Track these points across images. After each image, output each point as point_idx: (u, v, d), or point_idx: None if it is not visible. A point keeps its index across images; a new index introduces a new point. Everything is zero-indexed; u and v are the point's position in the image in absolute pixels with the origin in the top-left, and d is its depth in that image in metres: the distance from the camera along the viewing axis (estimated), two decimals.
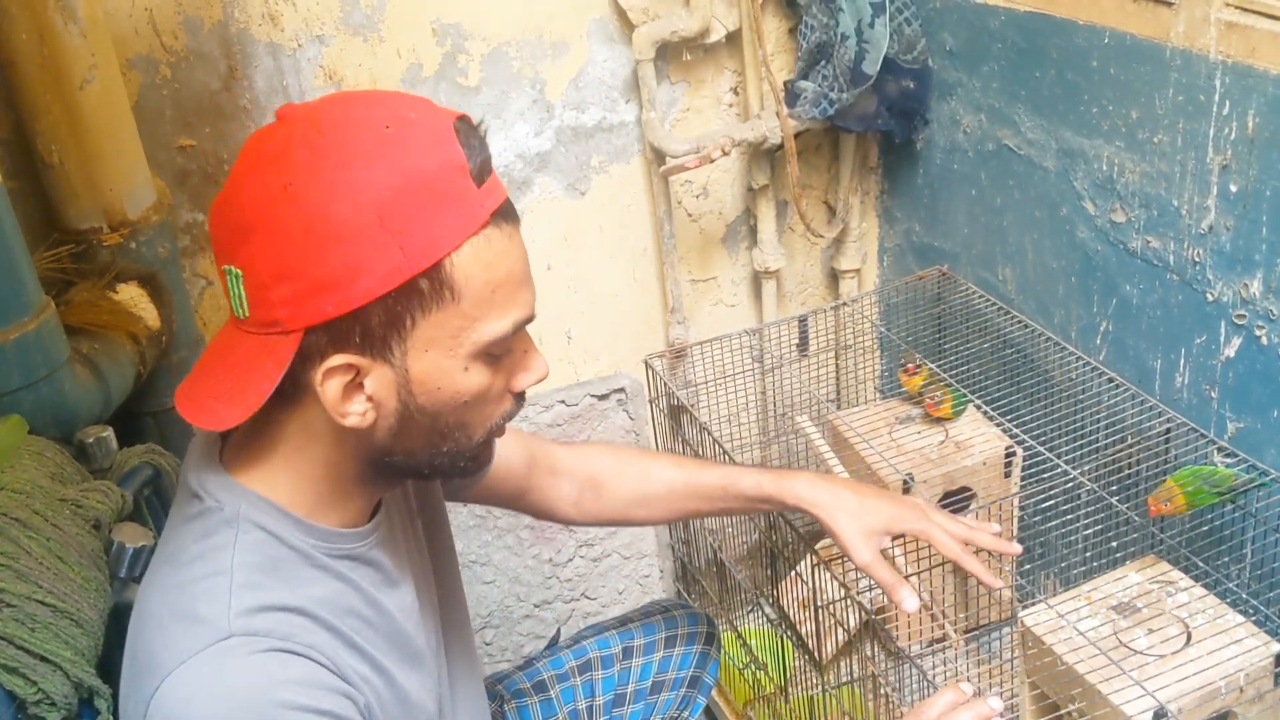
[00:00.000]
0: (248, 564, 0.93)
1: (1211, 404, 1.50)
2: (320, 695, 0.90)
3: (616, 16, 1.91)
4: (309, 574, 0.96)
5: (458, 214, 0.88)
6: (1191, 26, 1.39)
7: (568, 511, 1.39)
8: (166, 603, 0.92)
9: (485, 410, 0.97)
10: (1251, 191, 1.36)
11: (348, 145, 0.86)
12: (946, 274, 1.99)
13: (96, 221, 1.49)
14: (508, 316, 0.92)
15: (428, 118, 0.90)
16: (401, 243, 0.86)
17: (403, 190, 0.86)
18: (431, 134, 0.88)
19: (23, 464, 1.16)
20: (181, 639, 0.89)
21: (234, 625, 0.89)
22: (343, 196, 0.85)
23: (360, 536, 1.01)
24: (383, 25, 1.78)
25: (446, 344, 0.91)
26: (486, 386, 0.95)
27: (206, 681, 0.87)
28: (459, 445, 0.97)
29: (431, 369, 0.91)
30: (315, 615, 0.94)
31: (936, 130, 1.95)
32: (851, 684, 1.83)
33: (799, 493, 1.28)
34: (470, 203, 0.88)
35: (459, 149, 0.88)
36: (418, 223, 0.86)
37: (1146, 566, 1.47)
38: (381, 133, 0.87)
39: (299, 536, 0.96)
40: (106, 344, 1.41)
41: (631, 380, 2.15)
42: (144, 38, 1.65)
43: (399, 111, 0.89)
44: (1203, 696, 1.27)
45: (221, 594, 0.90)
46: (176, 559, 0.95)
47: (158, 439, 1.54)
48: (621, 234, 2.07)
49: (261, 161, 0.88)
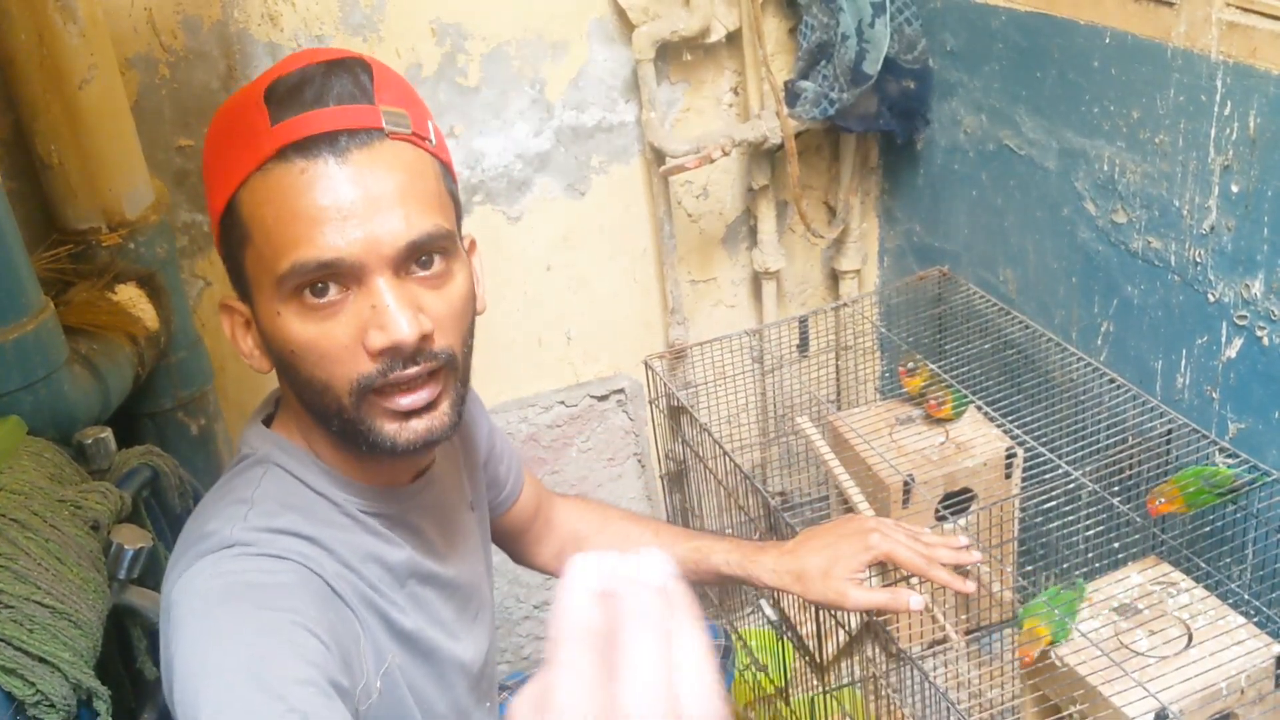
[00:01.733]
0: (270, 496, 0.95)
1: (1213, 405, 1.50)
2: (303, 598, 0.88)
3: (616, 16, 1.91)
4: (334, 518, 0.97)
5: (242, 150, 0.88)
6: (1193, 27, 1.38)
7: (547, 562, 1.42)
8: (190, 528, 0.95)
9: (334, 367, 0.89)
10: (1253, 192, 1.36)
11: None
12: (947, 275, 1.99)
13: (95, 222, 1.48)
14: (289, 254, 0.87)
15: (280, 65, 0.91)
16: (210, 182, 0.93)
17: (216, 132, 0.93)
18: (261, 81, 0.90)
19: (21, 465, 1.16)
20: (191, 550, 0.91)
21: (237, 536, 0.90)
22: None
23: (399, 497, 1.02)
24: (382, 25, 1.77)
25: (262, 286, 0.91)
26: (314, 337, 0.89)
27: (196, 582, 0.88)
28: (336, 408, 0.91)
29: (262, 314, 0.92)
30: (329, 548, 0.94)
31: (937, 130, 1.94)
32: (852, 685, 1.83)
33: (765, 580, 1.28)
34: (257, 138, 0.87)
35: (263, 89, 0.88)
36: (218, 162, 0.91)
37: (1148, 567, 1.46)
38: (237, 91, 0.94)
39: (329, 486, 0.98)
40: (105, 345, 1.40)
41: (631, 381, 2.14)
42: (143, 37, 1.64)
43: (275, 66, 0.92)
44: (1204, 698, 1.27)
45: (238, 517, 0.92)
46: (210, 495, 0.98)
47: (156, 440, 1.53)
48: (621, 234, 2.07)
49: None
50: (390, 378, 0.89)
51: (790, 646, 1.78)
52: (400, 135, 0.90)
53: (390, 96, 0.91)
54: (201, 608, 0.86)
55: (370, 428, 0.92)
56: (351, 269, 0.87)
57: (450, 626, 1.07)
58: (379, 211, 0.87)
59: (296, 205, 0.86)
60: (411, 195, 0.89)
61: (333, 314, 0.89)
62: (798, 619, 1.80)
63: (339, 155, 0.87)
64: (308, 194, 0.86)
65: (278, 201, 0.87)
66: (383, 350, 0.88)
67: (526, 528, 1.39)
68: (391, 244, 0.88)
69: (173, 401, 1.58)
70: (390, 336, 0.87)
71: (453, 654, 1.06)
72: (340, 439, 0.96)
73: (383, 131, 0.89)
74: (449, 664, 1.06)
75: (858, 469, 1.79)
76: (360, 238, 0.86)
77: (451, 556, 1.08)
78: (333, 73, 0.88)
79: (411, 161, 0.91)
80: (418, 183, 0.90)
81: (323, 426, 0.96)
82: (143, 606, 1.20)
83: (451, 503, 1.12)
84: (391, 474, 1.02)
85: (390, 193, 0.88)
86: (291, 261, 0.86)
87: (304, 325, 0.89)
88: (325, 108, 0.87)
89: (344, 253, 0.86)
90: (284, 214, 0.87)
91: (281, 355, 0.92)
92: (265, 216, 0.88)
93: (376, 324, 0.88)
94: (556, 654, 0.47)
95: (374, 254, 0.87)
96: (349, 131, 0.87)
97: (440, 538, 1.07)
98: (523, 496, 1.35)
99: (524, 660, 2.19)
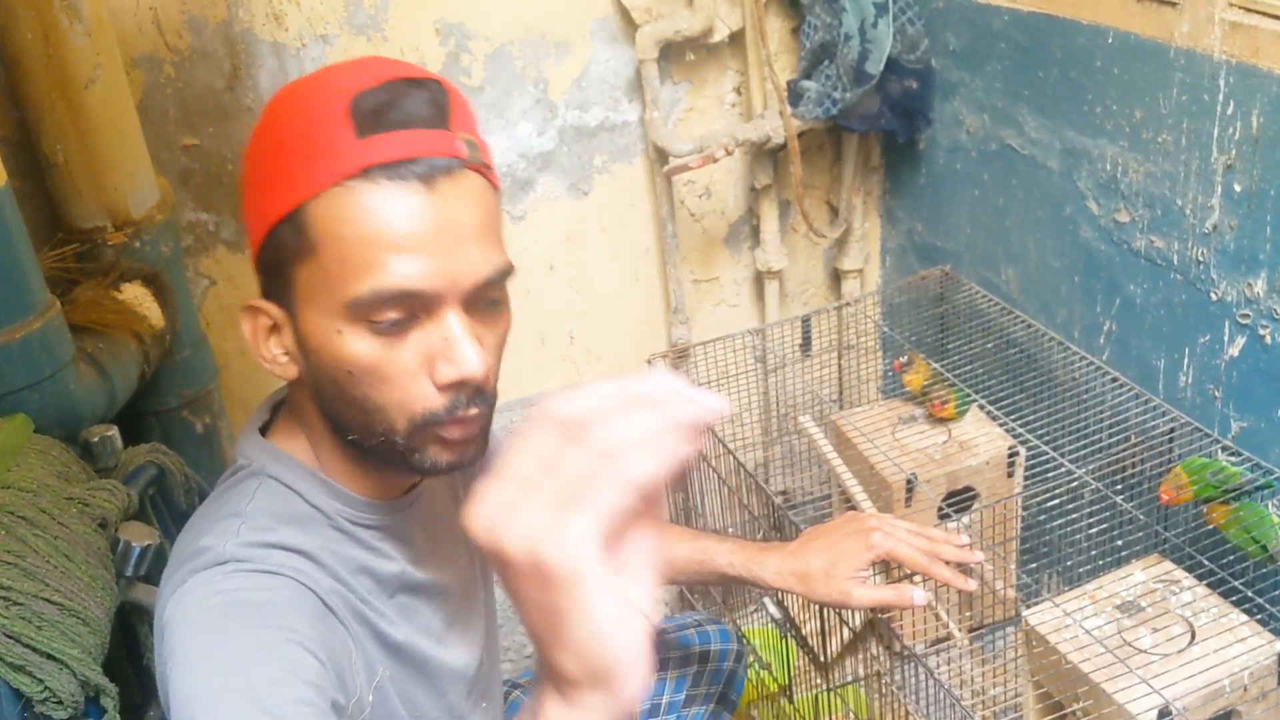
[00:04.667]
0: (264, 509, 0.95)
1: (1215, 403, 1.50)
2: (296, 615, 0.89)
3: (619, 16, 1.91)
4: (326, 531, 0.97)
5: (321, 162, 0.85)
6: (1195, 27, 1.39)
7: None
8: (183, 541, 0.95)
9: (393, 392, 0.89)
10: (1256, 191, 1.36)
11: (272, 98, 0.92)
12: (949, 274, 1.99)
13: (101, 221, 1.49)
14: (367, 279, 0.85)
15: (359, 72, 0.88)
16: (265, 184, 0.89)
17: (276, 138, 0.89)
18: (339, 86, 0.87)
19: (28, 463, 1.16)
20: (185, 566, 0.91)
21: (231, 551, 0.90)
22: (247, 146, 0.92)
23: (390, 510, 1.01)
24: (386, 25, 1.78)
25: (318, 299, 0.89)
26: (376, 360, 0.88)
27: (189, 600, 0.88)
28: (385, 430, 0.91)
29: (313, 326, 0.90)
30: (320, 560, 0.94)
31: (939, 130, 1.95)
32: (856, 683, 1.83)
33: (769, 581, 1.28)
34: (340, 152, 0.85)
35: (349, 99, 0.85)
36: (281, 170, 0.88)
37: (1151, 565, 1.47)
38: (302, 85, 0.91)
39: (323, 498, 0.97)
40: (111, 343, 1.40)
41: None
42: (148, 37, 1.65)
43: (348, 69, 0.90)
44: (1207, 695, 1.28)
45: (231, 532, 0.92)
46: (203, 508, 0.98)
47: (161, 439, 1.54)
48: (624, 234, 2.07)
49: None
50: (457, 415, 0.90)
51: (794, 645, 1.78)
52: (475, 166, 0.89)
53: (463, 123, 0.90)
54: (198, 628, 0.86)
55: (420, 453, 0.92)
56: (426, 300, 0.87)
57: (440, 634, 1.07)
58: (460, 245, 0.87)
59: (379, 228, 0.85)
60: (486, 229, 0.89)
61: (400, 341, 0.88)
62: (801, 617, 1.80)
63: (425, 181, 0.85)
64: (392, 218, 0.85)
65: (360, 221, 0.85)
66: (452, 384, 0.89)
67: None
68: (470, 279, 0.88)
69: (178, 400, 1.58)
70: (460, 371, 0.88)
71: (444, 661, 1.06)
72: (364, 454, 0.95)
73: (463, 162, 0.88)
74: (440, 672, 1.06)
75: (860, 468, 1.79)
76: (443, 271, 0.86)
77: (442, 565, 1.08)
78: (416, 92, 0.87)
79: (484, 194, 0.90)
80: (490, 217, 0.90)
81: (344, 439, 0.95)
82: (150, 604, 1.20)
83: (443, 511, 1.11)
84: (387, 488, 1.02)
85: (470, 226, 0.87)
86: (371, 287, 0.85)
87: (368, 347, 0.88)
88: (411, 130, 0.85)
89: (425, 285, 0.86)
90: (366, 235, 0.85)
91: (332, 372, 0.90)
92: (342, 234, 0.86)
93: (447, 356, 0.88)
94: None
95: (453, 288, 0.87)
96: (434, 158, 0.86)
97: (430, 547, 1.07)
98: None
99: (527, 659, 2.19)
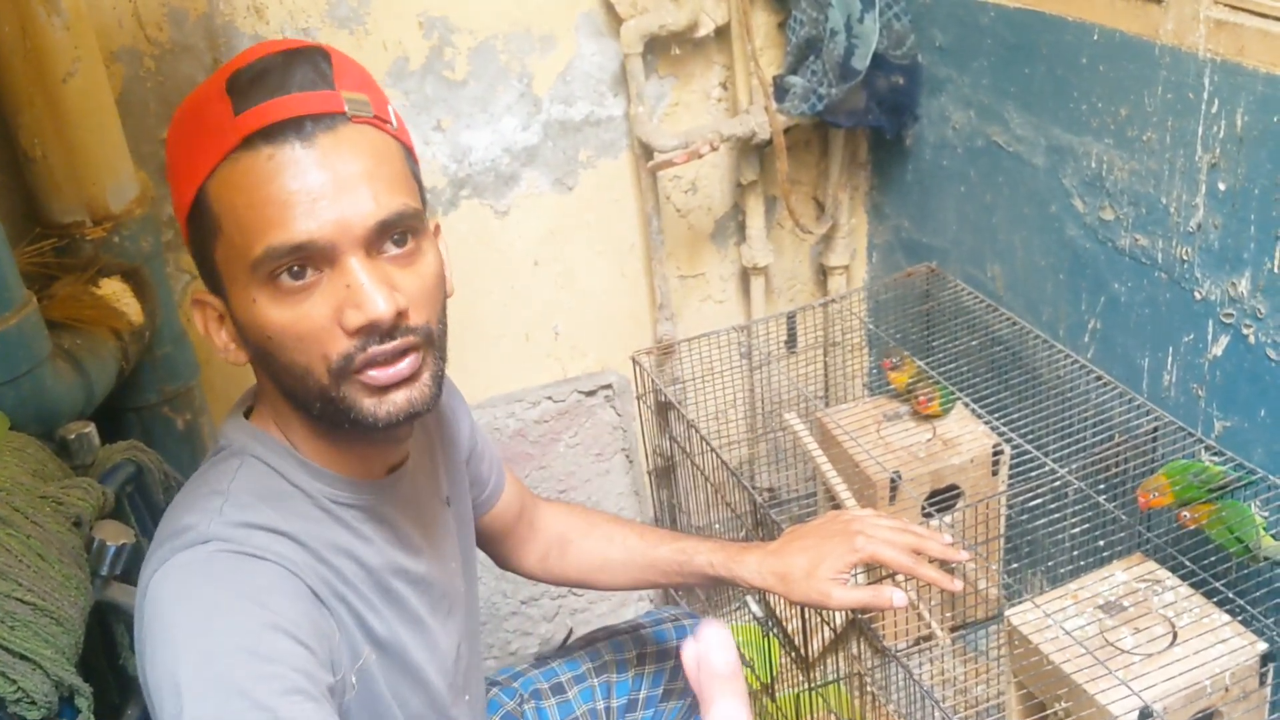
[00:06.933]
0: (245, 489, 0.95)
1: (1199, 402, 1.50)
2: (283, 601, 0.90)
3: (604, 10, 1.90)
4: (308, 511, 0.98)
5: (207, 142, 0.89)
6: (1180, 24, 1.38)
7: (532, 567, 1.42)
8: (166, 520, 0.96)
9: (311, 347, 0.90)
10: (1240, 190, 1.36)
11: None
12: (935, 271, 1.99)
13: (79, 215, 1.47)
14: (261, 239, 0.87)
15: (240, 57, 0.91)
16: (176, 178, 0.93)
17: (178, 128, 0.93)
18: (221, 72, 0.90)
19: (3, 460, 1.15)
20: (167, 545, 0.91)
21: (213, 530, 0.91)
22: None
23: (371, 489, 1.02)
24: (368, 18, 1.77)
25: (235, 276, 0.91)
26: (290, 320, 0.89)
27: (171, 581, 0.89)
28: (317, 390, 0.92)
29: (237, 304, 0.93)
30: (303, 542, 0.95)
31: (926, 126, 1.94)
32: (838, 682, 1.83)
33: (749, 579, 1.27)
34: (223, 129, 0.88)
35: (224, 77, 0.89)
36: (182, 156, 0.92)
37: (1133, 565, 1.47)
38: (199, 84, 0.94)
39: (304, 478, 0.98)
40: (89, 339, 1.39)
41: (619, 377, 2.14)
42: (128, 30, 1.63)
43: (235, 58, 0.92)
44: (1188, 696, 1.28)
45: (214, 510, 0.93)
46: (185, 488, 0.99)
47: (140, 435, 1.52)
48: (609, 229, 2.07)
49: None
50: (369, 353, 0.90)
51: (776, 643, 1.78)
52: (363, 119, 0.91)
53: (350, 82, 0.92)
54: (181, 611, 0.86)
55: (351, 405, 0.92)
56: (324, 250, 0.88)
57: (423, 623, 1.07)
58: (348, 192, 0.88)
59: (266, 191, 0.87)
60: (378, 176, 0.90)
61: (307, 296, 0.90)
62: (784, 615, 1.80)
63: (305, 140, 0.88)
64: (276, 179, 0.87)
65: (247, 189, 0.88)
66: (360, 328, 0.89)
67: (510, 530, 1.38)
68: (362, 224, 0.89)
69: (158, 396, 1.57)
70: (366, 314, 0.88)
71: (424, 649, 1.07)
72: (321, 423, 0.96)
73: (345, 115, 0.90)
74: (420, 660, 1.06)
75: (845, 465, 1.79)
76: (331, 219, 0.88)
77: (424, 552, 1.08)
78: (293, 61, 0.89)
79: (376, 144, 0.92)
80: (383, 164, 0.92)
81: (303, 412, 0.97)
82: (125, 603, 1.19)
83: (426, 498, 1.12)
84: (367, 466, 1.02)
85: (357, 174, 0.89)
86: (265, 246, 0.87)
87: (280, 310, 0.90)
88: (288, 94, 0.88)
89: (316, 234, 0.87)
90: (254, 200, 0.87)
91: (259, 342, 0.92)
92: (235, 204, 0.88)
93: (352, 303, 0.89)
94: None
95: (346, 234, 0.88)
96: (313, 116, 0.88)
97: (413, 532, 1.07)
98: (505, 497, 1.35)
99: (511, 656, 2.19)
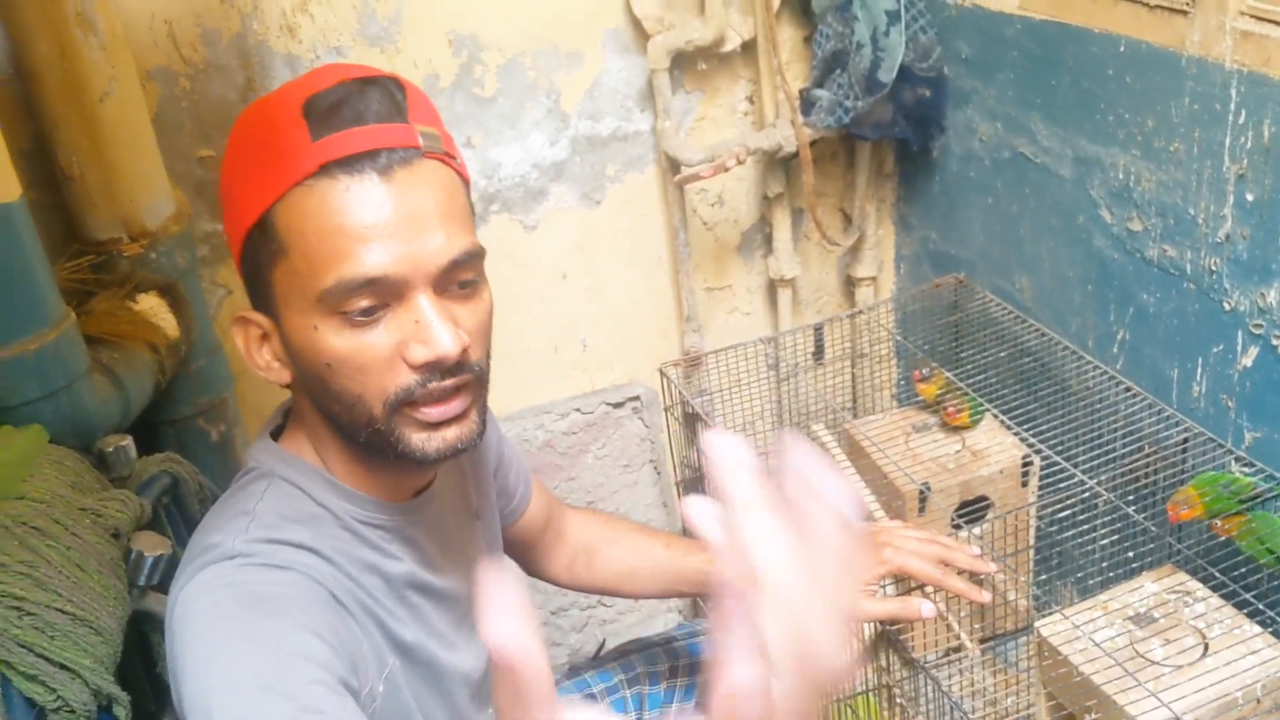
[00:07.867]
0: (271, 509, 0.96)
1: (1229, 413, 1.50)
2: (308, 606, 0.90)
3: (631, 26, 1.91)
4: (334, 531, 0.98)
5: (282, 166, 0.89)
6: (1207, 35, 1.38)
7: (559, 574, 1.42)
8: (194, 540, 0.96)
9: (370, 380, 0.91)
10: (1268, 200, 1.35)
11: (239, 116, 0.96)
12: (963, 282, 1.99)
13: (116, 232, 1.50)
14: (333, 271, 0.88)
15: (313, 78, 0.92)
16: (235, 197, 0.93)
17: (243, 145, 0.93)
18: (295, 92, 0.90)
19: (43, 473, 1.17)
20: (195, 562, 0.92)
21: (239, 547, 0.92)
22: (221, 165, 0.96)
23: (399, 511, 1.03)
24: (399, 36, 1.79)
25: (294, 300, 0.91)
26: (352, 350, 0.90)
27: (198, 594, 0.90)
28: (367, 419, 0.93)
29: (293, 327, 0.93)
30: (328, 557, 0.95)
31: (952, 138, 1.95)
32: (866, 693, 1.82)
33: None
34: (298, 154, 0.88)
35: (302, 102, 0.89)
36: (247, 180, 0.91)
37: (1164, 576, 1.46)
38: (263, 98, 0.94)
39: (332, 498, 0.99)
40: (126, 354, 1.42)
41: (646, 389, 2.15)
42: (163, 50, 1.66)
43: (305, 77, 0.93)
44: (1219, 707, 1.27)
45: (239, 530, 0.93)
46: (213, 509, 1.00)
47: (176, 448, 1.55)
48: (636, 243, 2.08)
49: None
50: (429, 389, 0.92)
51: None
52: (434, 155, 0.92)
53: (422, 115, 0.93)
54: (208, 621, 0.87)
55: (400, 438, 0.94)
56: (395, 286, 0.90)
57: (448, 638, 1.08)
58: (423, 229, 0.89)
59: (340, 221, 0.88)
60: (450, 213, 0.92)
61: (372, 328, 0.91)
62: None
63: (382, 173, 0.88)
64: (353, 211, 0.88)
65: (321, 217, 0.88)
66: (426, 364, 0.91)
67: (537, 538, 1.39)
68: (434, 261, 0.90)
69: (193, 408, 1.59)
70: (434, 350, 0.90)
71: (451, 664, 1.07)
72: (363, 451, 0.97)
73: (420, 151, 0.90)
74: (448, 673, 1.07)
75: (873, 476, 1.79)
76: (404, 255, 0.89)
77: (449, 569, 1.09)
78: (369, 90, 0.90)
79: (445, 180, 0.93)
80: (453, 201, 0.93)
81: (344, 438, 0.97)
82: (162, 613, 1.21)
83: (452, 516, 1.12)
84: (398, 490, 1.03)
85: (430, 211, 0.90)
86: (336, 278, 0.88)
87: (342, 338, 0.90)
88: (365, 125, 0.89)
89: (390, 270, 0.88)
90: (327, 229, 0.88)
91: (314, 368, 0.93)
92: (306, 231, 0.89)
93: (419, 338, 0.90)
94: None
95: (418, 271, 0.90)
96: (390, 150, 0.89)
97: (438, 551, 1.08)
98: (532, 506, 1.36)
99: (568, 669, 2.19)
